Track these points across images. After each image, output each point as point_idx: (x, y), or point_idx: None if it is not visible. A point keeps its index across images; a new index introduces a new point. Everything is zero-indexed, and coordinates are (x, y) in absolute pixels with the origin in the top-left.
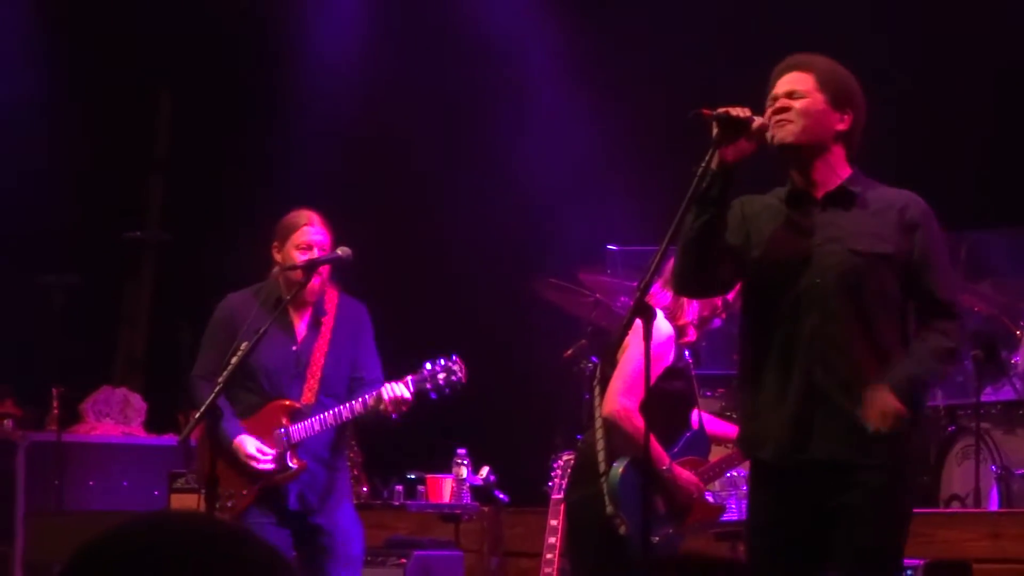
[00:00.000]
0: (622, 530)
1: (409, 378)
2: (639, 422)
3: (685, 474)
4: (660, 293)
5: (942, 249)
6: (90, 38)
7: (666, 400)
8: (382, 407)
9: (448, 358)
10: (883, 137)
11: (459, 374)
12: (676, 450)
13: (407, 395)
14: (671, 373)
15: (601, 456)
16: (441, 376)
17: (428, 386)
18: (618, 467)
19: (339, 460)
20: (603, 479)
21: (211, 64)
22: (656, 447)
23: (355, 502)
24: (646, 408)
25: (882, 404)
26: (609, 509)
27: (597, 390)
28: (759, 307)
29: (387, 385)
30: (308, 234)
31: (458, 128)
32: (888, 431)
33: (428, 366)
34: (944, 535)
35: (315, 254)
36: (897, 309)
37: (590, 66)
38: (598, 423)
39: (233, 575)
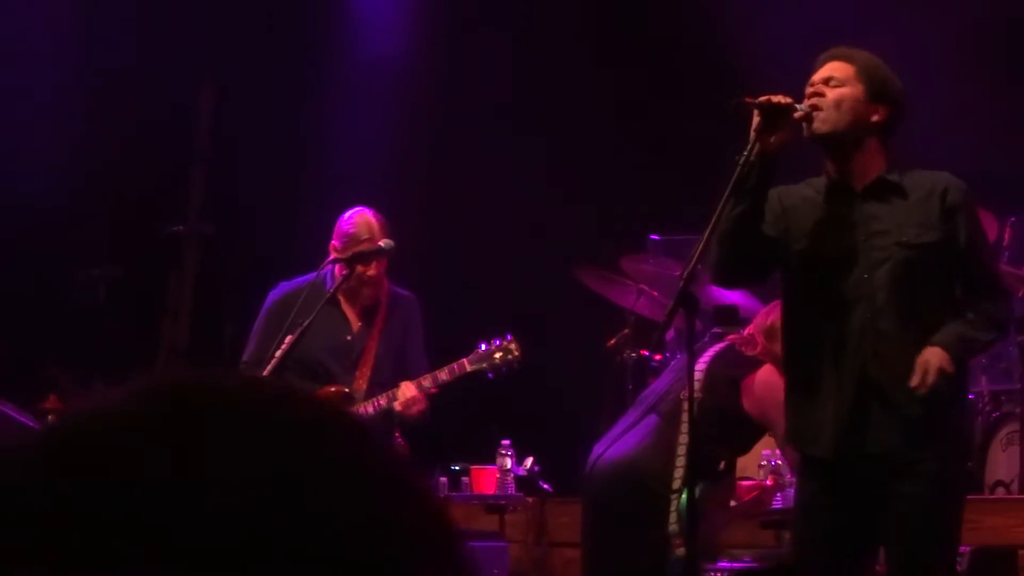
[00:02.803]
0: (679, 552)
1: (464, 360)
2: None
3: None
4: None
5: (982, 229)
6: (131, 28)
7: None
8: (396, 406)
9: (503, 337)
10: (925, 115)
11: (515, 353)
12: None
13: (414, 393)
14: None
15: (680, 468)
16: (498, 355)
17: (485, 366)
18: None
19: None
20: (675, 495)
21: (253, 53)
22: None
23: None
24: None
25: (928, 359)
26: (673, 528)
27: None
28: (805, 302)
29: (402, 385)
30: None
31: (500, 114)
32: (933, 386)
33: (483, 346)
34: (989, 521)
35: (373, 269)
36: (946, 297)
37: (632, 52)
38: (685, 427)
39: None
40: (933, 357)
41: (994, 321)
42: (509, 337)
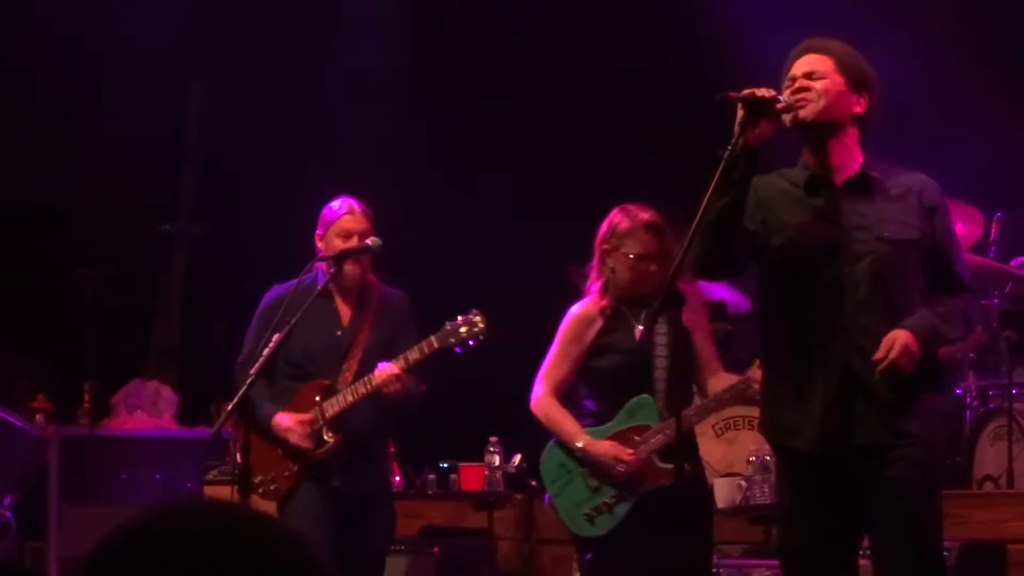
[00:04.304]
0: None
1: (432, 337)
2: (550, 409)
3: (603, 448)
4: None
5: (954, 230)
6: (122, 28)
7: (592, 379)
8: (377, 382)
9: (468, 312)
10: (915, 112)
11: (480, 325)
12: (612, 422)
13: (395, 370)
14: (597, 351)
15: None
16: (463, 329)
17: (452, 341)
18: (544, 453)
19: (381, 443)
20: None
21: (244, 53)
22: (568, 428)
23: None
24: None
25: (895, 336)
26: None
27: (664, 386)
28: (785, 295)
29: (378, 366)
30: (349, 223)
31: (494, 111)
32: (895, 361)
33: (448, 324)
34: (978, 516)
35: (356, 242)
36: (925, 292)
37: (627, 49)
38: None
39: (253, 565)
40: (900, 335)
41: (964, 319)
42: (474, 311)
